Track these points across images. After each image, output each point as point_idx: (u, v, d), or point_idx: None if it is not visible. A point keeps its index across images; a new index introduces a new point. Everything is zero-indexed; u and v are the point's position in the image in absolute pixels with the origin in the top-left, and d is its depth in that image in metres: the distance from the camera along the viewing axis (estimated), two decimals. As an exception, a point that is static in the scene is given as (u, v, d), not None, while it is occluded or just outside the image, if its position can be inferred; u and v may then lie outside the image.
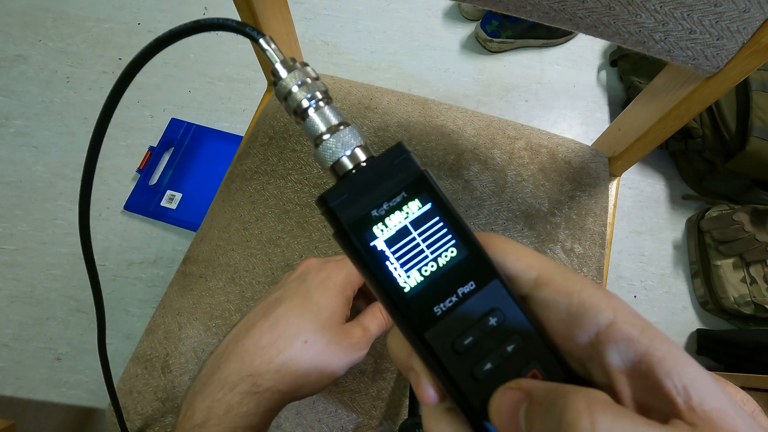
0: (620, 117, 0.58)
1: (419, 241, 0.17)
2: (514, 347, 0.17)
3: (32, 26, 1.21)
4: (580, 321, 0.16)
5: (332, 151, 0.18)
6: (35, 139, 1.10)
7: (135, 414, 0.46)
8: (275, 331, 0.32)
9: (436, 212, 0.17)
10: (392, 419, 0.46)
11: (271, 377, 0.30)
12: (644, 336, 0.15)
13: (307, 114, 0.18)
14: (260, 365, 0.31)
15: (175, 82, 1.17)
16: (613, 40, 0.40)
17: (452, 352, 0.17)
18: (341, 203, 0.17)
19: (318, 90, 0.18)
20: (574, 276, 0.17)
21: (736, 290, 0.98)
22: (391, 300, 0.17)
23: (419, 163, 0.18)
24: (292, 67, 0.18)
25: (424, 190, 0.17)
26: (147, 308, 0.98)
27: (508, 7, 0.40)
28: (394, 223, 0.17)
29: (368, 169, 0.17)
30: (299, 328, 0.32)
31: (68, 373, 0.93)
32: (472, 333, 0.17)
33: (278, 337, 0.31)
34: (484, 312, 0.17)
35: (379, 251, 0.17)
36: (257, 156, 0.57)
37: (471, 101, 1.21)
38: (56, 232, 1.02)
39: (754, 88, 0.99)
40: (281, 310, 0.33)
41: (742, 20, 0.36)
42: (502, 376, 0.17)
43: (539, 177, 0.57)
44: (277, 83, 0.18)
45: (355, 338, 0.33)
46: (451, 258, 0.17)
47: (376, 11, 1.28)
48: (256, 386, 0.30)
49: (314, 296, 0.33)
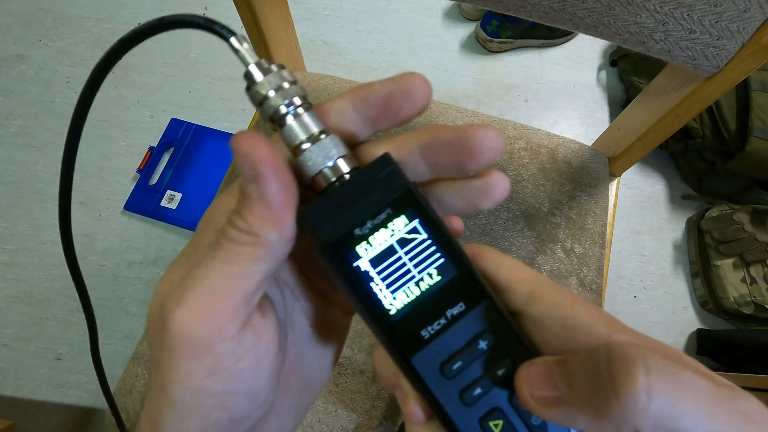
0: (620, 117, 0.58)
1: (405, 261, 0.16)
2: (505, 371, 0.16)
3: (32, 26, 1.21)
4: (575, 335, 0.15)
5: (313, 162, 0.16)
6: (35, 139, 1.10)
7: (135, 414, 0.46)
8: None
9: (423, 229, 0.16)
10: (392, 419, 0.46)
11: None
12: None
13: (285, 121, 0.16)
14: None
15: (175, 82, 1.17)
16: (613, 40, 0.40)
17: (441, 377, 0.16)
18: (321, 219, 0.16)
19: (297, 95, 0.17)
20: (565, 290, 0.16)
21: (736, 290, 0.98)
22: (376, 323, 0.16)
23: (406, 175, 0.17)
24: (267, 69, 0.16)
25: (411, 206, 0.16)
26: (147, 308, 0.97)
27: (508, 7, 0.40)
28: (379, 242, 0.16)
29: (351, 183, 0.16)
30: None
31: (68, 373, 0.93)
32: (461, 357, 0.16)
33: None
34: (474, 335, 0.16)
35: (363, 272, 0.16)
36: (257, 156, 0.57)
37: (471, 101, 1.21)
38: (56, 232, 1.02)
39: (754, 88, 0.99)
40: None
41: (742, 20, 0.36)
42: (494, 401, 0.16)
43: (539, 177, 0.57)
44: (251, 87, 0.17)
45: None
46: (440, 278, 0.16)
47: (376, 11, 1.28)
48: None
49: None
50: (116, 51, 0.18)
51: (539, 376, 0.15)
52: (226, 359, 0.15)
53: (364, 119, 0.17)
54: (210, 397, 0.16)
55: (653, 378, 0.12)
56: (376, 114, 0.17)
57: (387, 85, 0.17)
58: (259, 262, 0.15)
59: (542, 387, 0.15)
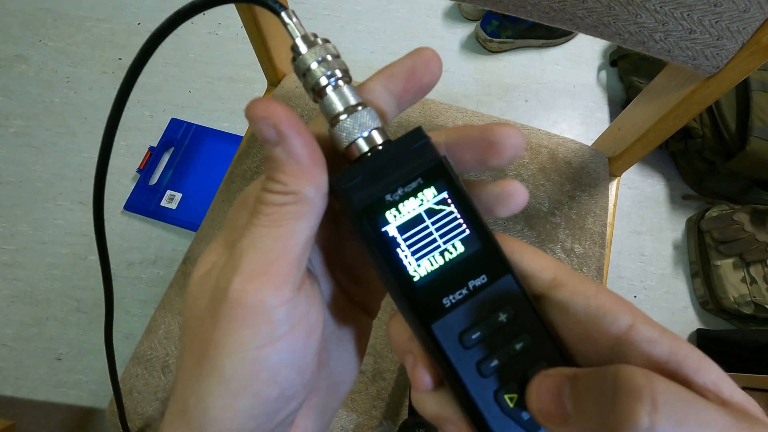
0: (620, 117, 0.58)
1: (432, 230, 0.17)
2: (523, 345, 0.16)
3: (32, 26, 1.21)
4: (599, 323, 0.15)
5: (348, 132, 0.17)
6: (35, 139, 1.10)
7: (135, 414, 0.46)
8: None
9: (451, 201, 0.17)
10: (392, 419, 0.46)
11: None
12: (665, 337, 0.15)
13: (325, 92, 0.17)
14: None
15: (175, 82, 1.17)
16: (613, 40, 0.40)
17: (459, 346, 0.16)
18: (354, 186, 0.16)
19: (338, 68, 0.18)
20: (589, 280, 0.17)
21: (736, 290, 0.98)
22: (399, 288, 0.16)
23: (438, 150, 0.17)
24: (313, 42, 0.18)
25: (441, 178, 0.17)
26: (147, 308, 0.98)
27: (508, 7, 0.40)
28: (408, 210, 0.17)
29: (384, 152, 0.17)
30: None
31: (68, 373, 0.93)
32: (480, 328, 0.16)
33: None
34: (494, 307, 0.17)
35: (390, 237, 0.16)
36: (257, 156, 0.57)
37: (471, 101, 1.21)
38: (56, 232, 1.02)
39: (754, 88, 0.99)
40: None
41: (742, 20, 0.36)
42: (509, 374, 0.16)
43: (539, 177, 0.57)
44: (296, 59, 0.18)
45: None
46: (464, 249, 0.17)
47: (376, 11, 1.28)
48: None
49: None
50: (172, 23, 0.19)
51: (549, 392, 0.15)
52: (282, 325, 0.16)
53: (392, 96, 0.18)
54: (264, 370, 0.16)
55: (659, 416, 0.12)
56: (403, 87, 0.18)
57: (408, 59, 0.18)
58: (302, 220, 0.16)
59: (551, 403, 0.15)
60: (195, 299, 0.17)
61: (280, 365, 0.16)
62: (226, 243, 0.18)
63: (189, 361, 0.17)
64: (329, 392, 0.21)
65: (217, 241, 0.18)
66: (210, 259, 0.18)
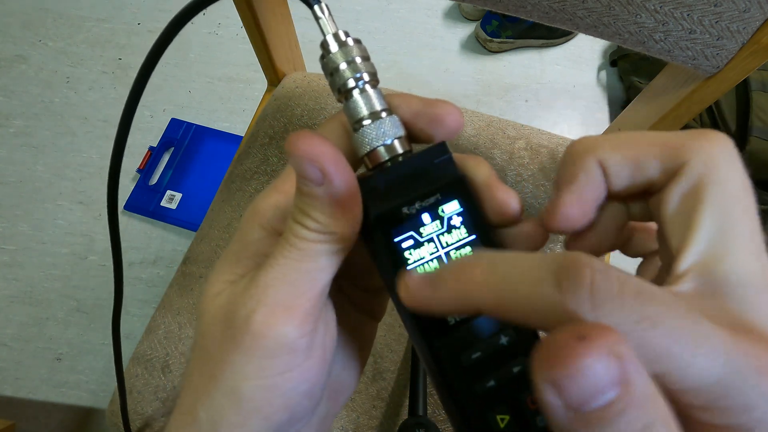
0: (620, 117, 0.58)
1: (445, 247, 0.17)
2: (520, 370, 0.16)
3: (32, 26, 1.21)
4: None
5: (371, 139, 0.17)
6: (35, 139, 1.10)
7: (135, 414, 0.46)
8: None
9: (467, 220, 0.17)
10: (392, 419, 0.46)
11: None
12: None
13: (352, 95, 0.17)
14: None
15: (175, 82, 1.17)
16: (613, 40, 0.40)
17: (457, 364, 0.16)
18: (372, 192, 0.16)
19: (367, 71, 0.17)
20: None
21: (736, 290, 0.98)
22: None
23: (459, 167, 0.17)
24: (344, 42, 0.17)
25: (460, 196, 0.17)
26: (147, 308, 0.98)
27: (508, 7, 0.40)
28: (423, 224, 0.16)
29: (406, 163, 0.17)
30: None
31: (68, 373, 0.93)
32: (480, 348, 0.16)
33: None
34: (497, 329, 0.16)
35: (402, 249, 0.16)
36: (257, 156, 0.57)
37: (471, 101, 1.21)
38: (56, 232, 1.02)
39: (754, 88, 0.98)
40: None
41: (742, 20, 0.36)
42: (503, 396, 0.16)
43: (539, 177, 0.57)
44: (326, 56, 0.17)
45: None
46: None
47: (376, 11, 1.28)
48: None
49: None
50: (195, 7, 0.19)
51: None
52: (300, 355, 0.16)
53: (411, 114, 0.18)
54: (279, 396, 0.16)
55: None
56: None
57: (432, 106, 0.17)
58: (335, 255, 0.16)
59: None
60: (209, 318, 0.17)
61: (294, 392, 0.16)
62: (238, 259, 0.17)
63: (200, 376, 0.17)
64: (331, 399, 0.20)
65: (228, 258, 0.18)
66: (224, 278, 0.17)
